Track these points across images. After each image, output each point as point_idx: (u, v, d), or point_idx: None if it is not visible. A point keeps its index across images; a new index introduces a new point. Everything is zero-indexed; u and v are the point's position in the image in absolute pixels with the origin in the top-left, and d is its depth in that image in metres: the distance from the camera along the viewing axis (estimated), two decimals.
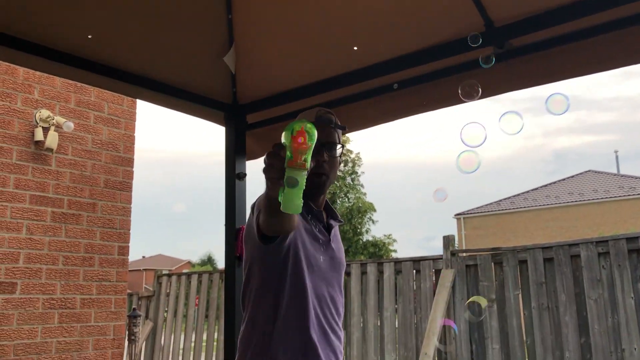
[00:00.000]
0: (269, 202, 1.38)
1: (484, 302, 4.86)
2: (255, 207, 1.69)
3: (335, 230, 1.90)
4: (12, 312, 3.75)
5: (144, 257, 56.37)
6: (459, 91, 2.08)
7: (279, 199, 1.23)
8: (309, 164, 1.21)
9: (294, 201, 1.20)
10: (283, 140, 1.21)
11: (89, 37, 2.47)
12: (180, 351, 7.27)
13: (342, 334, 1.82)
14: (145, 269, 47.29)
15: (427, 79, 2.41)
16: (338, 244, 1.90)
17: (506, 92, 2.24)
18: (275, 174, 1.25)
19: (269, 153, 1.26)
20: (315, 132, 1.21)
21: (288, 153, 1.20)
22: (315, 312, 1.71)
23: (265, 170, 1.28)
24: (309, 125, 1.21)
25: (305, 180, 1.21)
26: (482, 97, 2.27)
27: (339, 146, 1.86)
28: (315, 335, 1.69)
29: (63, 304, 3.99)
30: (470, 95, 2.07)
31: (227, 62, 2.82)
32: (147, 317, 7.76)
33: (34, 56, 2.41)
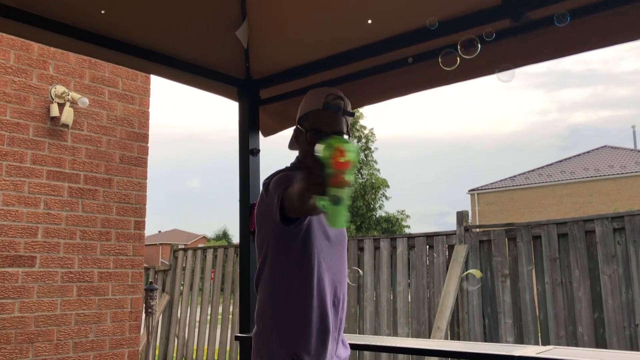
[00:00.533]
0: (307, 202, 1.39)
1: (478, 274, 4.90)
2: (272, 186, 1.69)
3: None
4: (32, 284, 3.83)
5: (160, 231, 57.05)
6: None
7: (318, 204, 1.26)
8: (352, 179, 1.24)
9: (340, 217, 1.23)
10: (322, 155, 1.22)
11: (102, 12, 2.47)
12: (197, 323, 7.40)
13: (344, 300, 1.87)
14: (161, 244, 47.88)
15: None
16: None
17: (522, 65, 2.20)
18: (319, 193, 1.24)
19: (310, 172, 1.25)
20: (354, 149, 1.22)
21: (330, 171, 1.21)
22: (327, 283, 1.75)
23: (308, 189, 1.28)
24: (346, 144, 1.22)
25: (348, 196, 1.23)
26: (500, 70, 2.25)
27: (345, 136, 1.83)
28: (328, 305, 1.73)
29: (81, 277, 4.07)
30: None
31: (240, 36, 2.81)
32: (163, 290, 7.88)
33: (47, 31, 2.41)
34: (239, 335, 2.78)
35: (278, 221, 1.62)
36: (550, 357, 2.10)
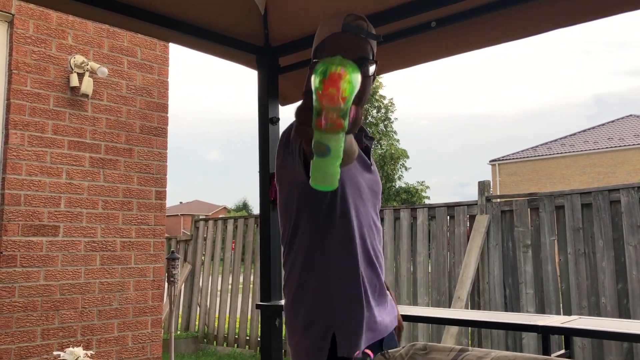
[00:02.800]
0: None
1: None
2: (287, 141, 1.48)
3: (370, 151, 1.70)
4: (56, 253, 3.89)
5: (181, 202, 57.71)
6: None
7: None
8: (347, 122, 0.86)
9: (326, 173, 0.90)
10: (312, 86, 0.87)
11: None
12: (218, 292, 7.50)
13: (383, 259, 1.68)
14: (182, 214, 48.45)
15: (467, 16, 2.30)
16: (374, 165, 1.71)
17: (552, 29, 2.12)
18: (309, 137, 0.91)
19: (297, 109, 0.93)
20: (358, 77, 0.86)
21: (316, 107, 0.86)
22: (363, 243, 1.56)
23: (297, 133, 0.95)
24: (349, 68, 0.85)
25: (342, 145, 0.88)
26: (525, 35, 2.18)
27: (372, 64, 1.52)
28: (362, 267, 1.56)
29: (104, 246, 4.12)
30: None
31: (257, 1, 2.75)
32: (185, 260, 7.99)
33: None
34: (260, 303, 2.79)
35: (302, 178, 1.35)
36: (575, 327, 2.07)
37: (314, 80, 0.85)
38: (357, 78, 0.86)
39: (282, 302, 2.36)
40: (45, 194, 3.86)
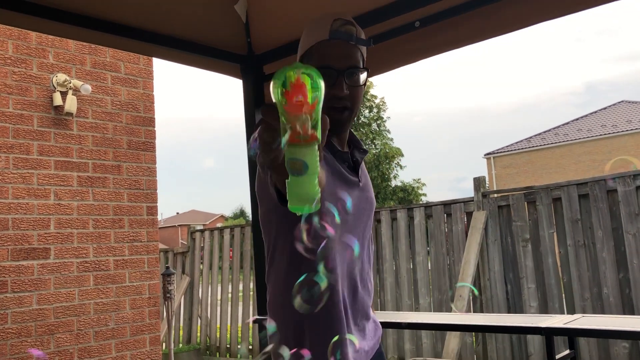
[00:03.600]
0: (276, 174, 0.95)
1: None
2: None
3: (362, 165, 1.57)
4: (48, 276, 3.81)
5: (177, 213, 57.59)
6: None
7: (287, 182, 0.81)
8: (320, 132, 0.77)
9: (305, 194, 0.79)
10: (274, 99, 0.76)
11: None
12: (218, 302, 7.44)
13: (371, 285, 1.55)
14: (180, 225, 48.33)
15: (451, 14, 2.25)
16: (366, 181, 1.57)
17: (539, 22, 2.07)
18: (272, 159, 0.80)
19: (260, 127, 0.80)
20: (321, 80, 0.76)
21: (283, 122, 0.75)
22: (345, 267, 1.43)
23: (260, 154, 0.82)
24: (309, 73, 0.76)
25: (317, 157, 0.78)
26: (512, 30, 2.13)
27: (362, 72, 1.41)
28: (344, 292, 1.42)
29: (97, 266, 4.05)
30: None
31: (238, 10, 2.70)
32: (183, 272, 7.92)
33: (38, 18, 2.32)
34: (258, 317, 2.74)
35: (276, 201, 1.22)
36: (578, 327, 2.01)
37: (275, 94, 0.76)
38: (322, 83, 0.76)
39: None
40: (33, 217, 3.79)
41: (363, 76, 1.42)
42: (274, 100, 0.76)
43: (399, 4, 2.32)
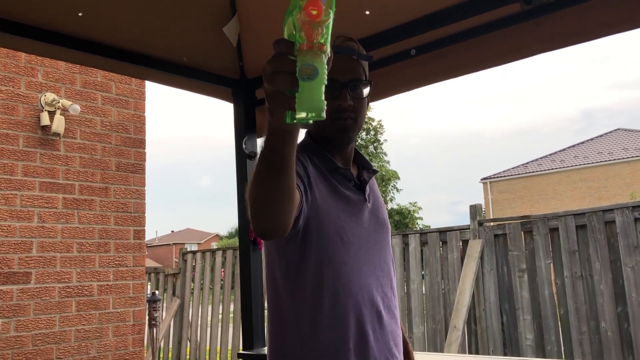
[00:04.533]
0: (269, 157, 0.98)
1: None
2: None
3: (372, 184, 1.54)
4: (28, 302, 3.68)
5: (172, 231, 57.24)
6: None
7: (288, 121, 0.89)
8: (329, 47, 0.86)
9: (313, 98, 0.86)
10: (287, 31, 0.89)
11: (80, 14, 2.30)
12: (209, 323, 7.29)
13: (397, 310, 1.49)
14: (174, 244, 48.00)
15: (448, 43, 2.18)
16: (377, 200, 1.53)
17: (537, 53, 2.00)
18: (286, 85, 0.86)
19: (273, 57, 0.88)
20: (334, 3, 0.86)
21: (298, 34, 0.85)
22: (363, 302, 1.36)
23: (269, 82, 0.88)
24: None
25: (326, 70, 0.86)
26: (513, 59, 2.06)
27: (366, 85, 1.45)
28: (370, 328, 1.36)
29: (80, 291, 3.92)
30: None
31: (228, 34, 2.63)
32: (174, 294, 7.78)
33: (26, 39, 2.26)
34: (242, 352, 2.62)
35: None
36: None
37: (291, 12, 0.87)
38: (334, 4, 0.86)
39: (266, 349, 2.20)
40: (15, 239, 3.67)
41: (366, 90, 1.46)
42: (291, 13, 0.87)
43: (395, 31, 2.26)
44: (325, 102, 0.86)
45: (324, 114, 0.86)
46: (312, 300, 1.33)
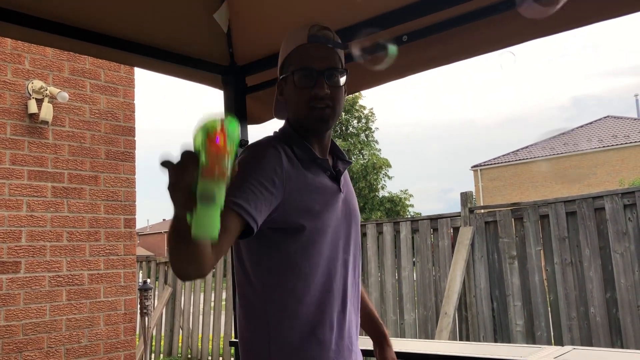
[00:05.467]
0: (176, 227, 1.05)
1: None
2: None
3: (345, 175, 1.56)
4: (17, 291, 3.66)
5: (164, 220, 57.05)
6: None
7: (189, 221, 0.98)
8: (229, 172, 0.96)
9: (209, 223, 0.96)
10: (195, 144, 0.97)
11: (67, 0, 2.26)
12: (201, 312, 7.30)
13: (359, 302, 1.54)
14: (166, 232, 47.81)
15: (440, 29, 2.17)
16: (349, 192, 1.56)
17: (520, 42, 1.99)
18: (184, 196, 0.97)
19: (174, 166, 0.97)
20: (238, 130, 0.97)
21: (203, 159, 0.95)
22: (335, 289, 1.41)
23: (170, 189, 0.98)
24: (229, 123, 0.96)
25: (224, 194, 0.97)
26: (495, 49, 2.05)
27: (342, 74, 1.47)
28: (335, 316, 1.40)
29: (70, 280, 3.90)
30: None
31: (219, 20, 2.60)
32: (165, 282, 7.77)
33: (12, 24, 2.21)
34: (234, 340, 2.61)
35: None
36: None
37: (198, 136, 0.95)
38: (237, 129, 0.96)
39: None
40: (3, 229, 3.64)
41: (343, 78, 1.47)
42: (195, 144, 0.95)
43: (385, 17, 2.24)
44: (219, 226, 0.97)
45: (217, 235, 0.97)
46: (284, 287, 1.37)
